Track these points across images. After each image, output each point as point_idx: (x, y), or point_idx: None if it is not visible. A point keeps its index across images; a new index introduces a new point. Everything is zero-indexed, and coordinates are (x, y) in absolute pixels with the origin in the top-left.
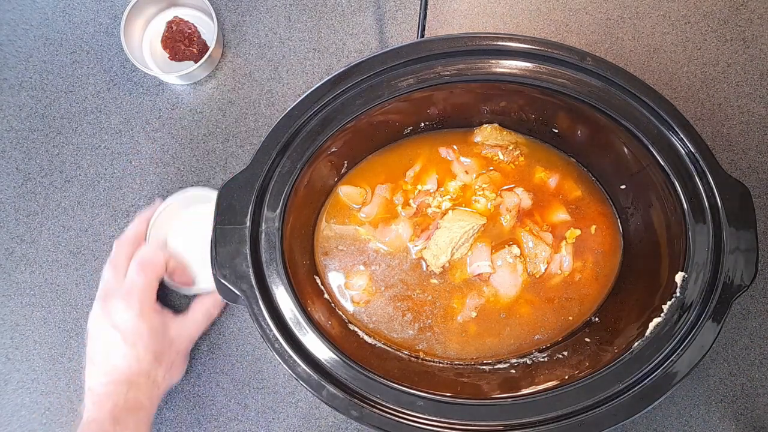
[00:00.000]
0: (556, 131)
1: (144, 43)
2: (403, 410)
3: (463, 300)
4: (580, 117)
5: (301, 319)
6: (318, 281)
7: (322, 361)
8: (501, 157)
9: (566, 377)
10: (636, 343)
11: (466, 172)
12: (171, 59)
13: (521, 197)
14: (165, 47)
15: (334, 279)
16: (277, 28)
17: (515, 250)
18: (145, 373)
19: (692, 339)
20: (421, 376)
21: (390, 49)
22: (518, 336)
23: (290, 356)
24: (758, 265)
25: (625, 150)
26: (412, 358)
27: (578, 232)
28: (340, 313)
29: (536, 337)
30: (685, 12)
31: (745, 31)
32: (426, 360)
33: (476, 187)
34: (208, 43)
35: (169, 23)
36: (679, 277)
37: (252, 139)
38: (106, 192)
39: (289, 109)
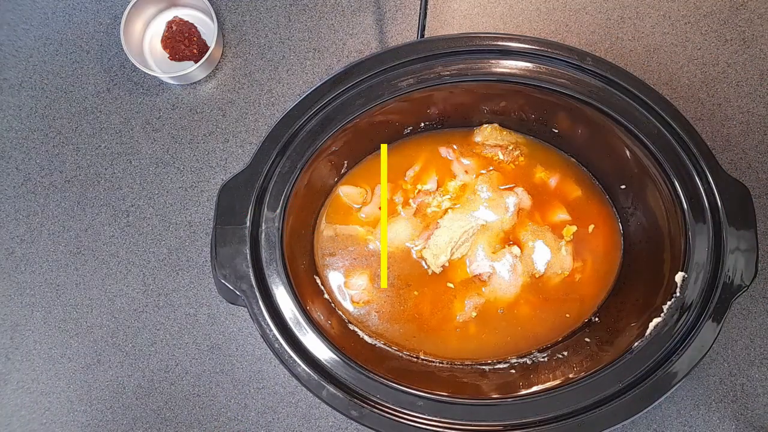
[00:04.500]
0: (556, 131)
1: (144, 43)
2: (403, 410)
3: (463, 300)
4: (580, 117)
5: (301, 319)
6: (318, 281)
7: (322, 361)
8: (501, 157)
9: (566, 377)
10: (636, 343)
11: (466, 172)
12: (171, 59)
13: (521, 197)
14: (165, 47)
15: (334, 279)
16: (277, 28)
17: (515, 250)
18: None
19: (692, 339)
20: (421, 376)
21: (390, 49)
22: (518, 336)
23: (290, 356)
24: (758, 265)
25: (626, 150)
26: (412, 358)
27: (574, 228)
28: (340, 313)
29: (536, 337)
30: (685, 12)
31: (745, 31)
32: (426, 360)
33: (476, 186)
34: (208, 43)
35: (169, 23)
36: (679, 277)
37: (252, 139)
38: (106, 192)
39: (289, 109)
